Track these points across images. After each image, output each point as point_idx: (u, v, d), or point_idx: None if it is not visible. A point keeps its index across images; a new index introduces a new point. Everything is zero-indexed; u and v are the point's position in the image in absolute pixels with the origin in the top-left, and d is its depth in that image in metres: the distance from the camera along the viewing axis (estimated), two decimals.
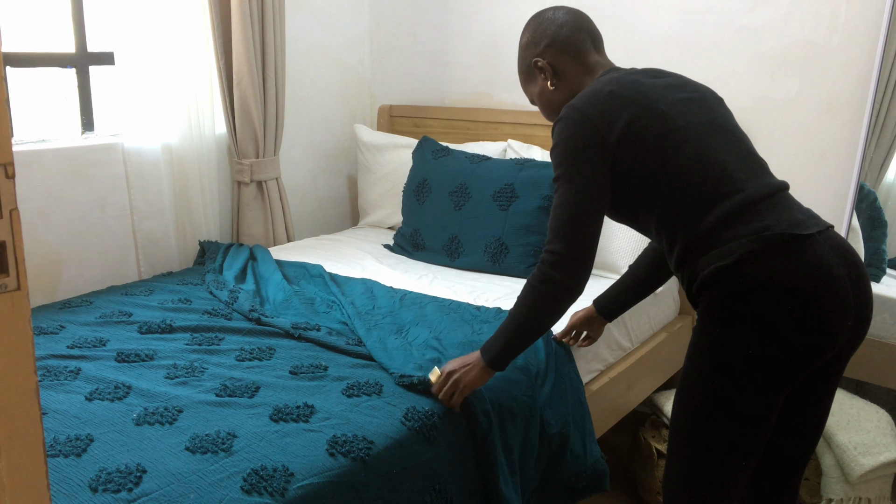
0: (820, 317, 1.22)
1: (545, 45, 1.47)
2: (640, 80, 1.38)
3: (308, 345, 1.70)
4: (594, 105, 1.33)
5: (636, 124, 1.30)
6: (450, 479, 1.39)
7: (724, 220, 1.26)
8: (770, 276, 1.21)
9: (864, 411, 2.16)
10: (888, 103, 2.06)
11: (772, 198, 1.30)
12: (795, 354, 1.24)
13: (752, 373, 1.24)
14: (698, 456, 1.33)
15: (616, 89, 1.34)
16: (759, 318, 1.22)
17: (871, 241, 2.16)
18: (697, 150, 1.30)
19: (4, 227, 0.56)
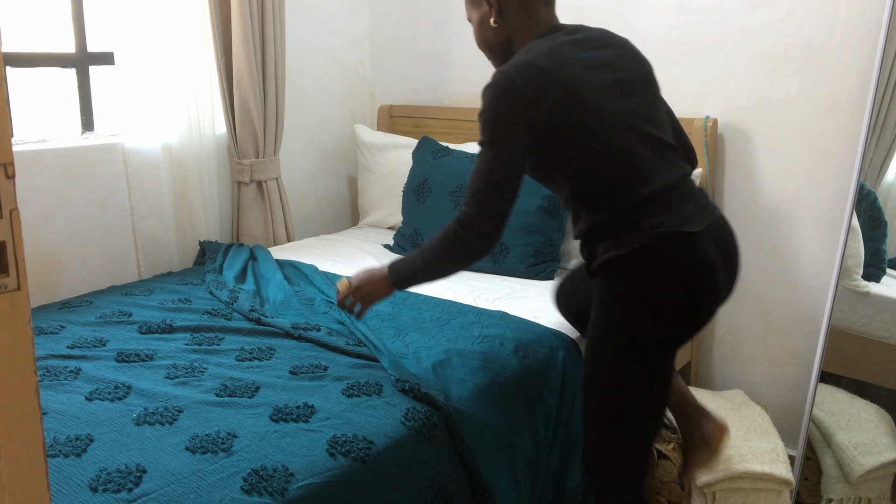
0: (701, 300, 1.41)
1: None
2: (575, 56, 1.42)
3: (308, 345, 1.70)
4: (525, 77, 1.36)
5: (560, 106, 1.36)
6: (449, 478, 1.39)
7: (625, 212, 1.38)
8: (660, 267, 1.37)
9: (864, 411, 2.16)
10: (888, 103, 2.06)
11: (674, 190, 1.41)
12: (682, 329, 1.43)
13: (647, 344, 1.40)
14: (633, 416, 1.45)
15: (548, 65, 1.38)
16: (651, 300, 1.39)
17: (871, 242, 2.16)
18: (611, 143, 1.39)
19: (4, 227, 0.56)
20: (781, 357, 2.39)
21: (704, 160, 2.31)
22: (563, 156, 1.40)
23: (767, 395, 2.42)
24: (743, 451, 2.02)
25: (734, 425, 2.13)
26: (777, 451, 2.04)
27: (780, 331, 2.38)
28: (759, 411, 2.21)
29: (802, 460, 2.18)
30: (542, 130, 1.37)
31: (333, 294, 1.98)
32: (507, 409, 1.53)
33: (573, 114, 1.37)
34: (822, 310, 2.21)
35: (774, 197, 2.31)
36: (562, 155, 1.40)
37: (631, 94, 1.44)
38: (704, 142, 2.30)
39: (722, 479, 1.98)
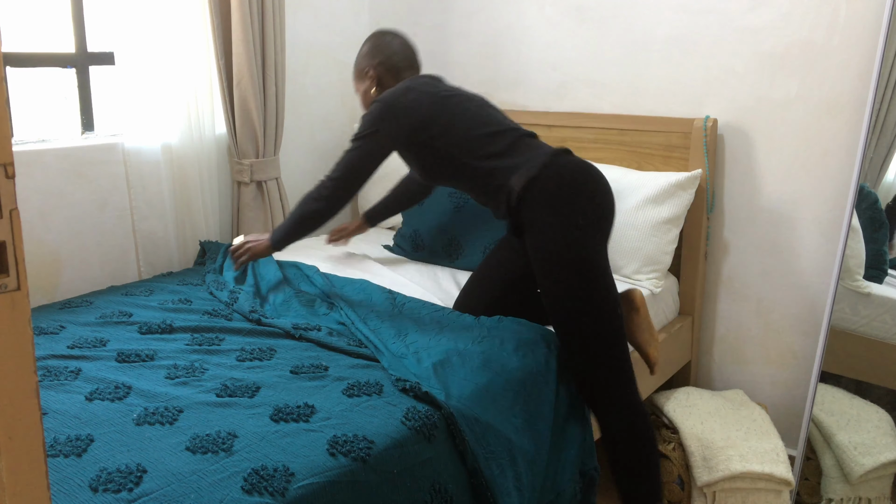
0: (607, 192, 1.75)
1: (378, 61, 2.00)
2: (429, 81, 1.92)
3: (308, 345, 1.70)
4: (396, 95, 1.85)
5: (427, 106, 1.81)
6: (449, 478, 1.38)
7: (514, 147, 1.78)
8: (570, 169, 1.73)
9: (864, 411, 2.16)
10: (888, 103, 2.06)
11: (529, 136, 1.85)
12: (608, 219, 1.74)
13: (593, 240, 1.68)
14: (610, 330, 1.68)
15: (412, 85, 1.87)
16: (577, 199, 1.69)
17: (873, 243, 2.16)
18: (475, 113, 1.83)
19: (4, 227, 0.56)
20: (781, 357, 2.39)
21: (704, 160, 2.31)
22: (448, 140, 1.80)
23: (767, 395, 2.42)
24: (743, 451, 2.02)
25: (734, 425, 2.13)
26: (777, 451, 2.04)
27: (780, 331, 2.38)
28: (759, 411, 2.21)
29: (802, 460, 2.18)
30: (417, 134, 1.81)
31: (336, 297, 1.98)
32: (507, 408, 1.53)
33: (439, 104, 1.82)
34: (822, 310, 2.21)
35: (774, 197, 2.31)
36: (446, 141, 1.80)
37: (475, 97, 1.91)
38: (704, 142, 2.30)
39: (722, 479, 1.98)
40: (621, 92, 2.52)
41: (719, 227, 2.43)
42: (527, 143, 1.79)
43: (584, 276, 1.66)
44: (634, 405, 1.70)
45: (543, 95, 2.69)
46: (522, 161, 1.73)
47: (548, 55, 2.66)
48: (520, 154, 1.76)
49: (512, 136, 1.80)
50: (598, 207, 1.71)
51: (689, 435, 2.08)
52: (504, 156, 1.76)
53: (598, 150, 2.52)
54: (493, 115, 1.85)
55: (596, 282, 1.67)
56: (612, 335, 1.68)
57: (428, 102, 1.82)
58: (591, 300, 1.66)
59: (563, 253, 1.66)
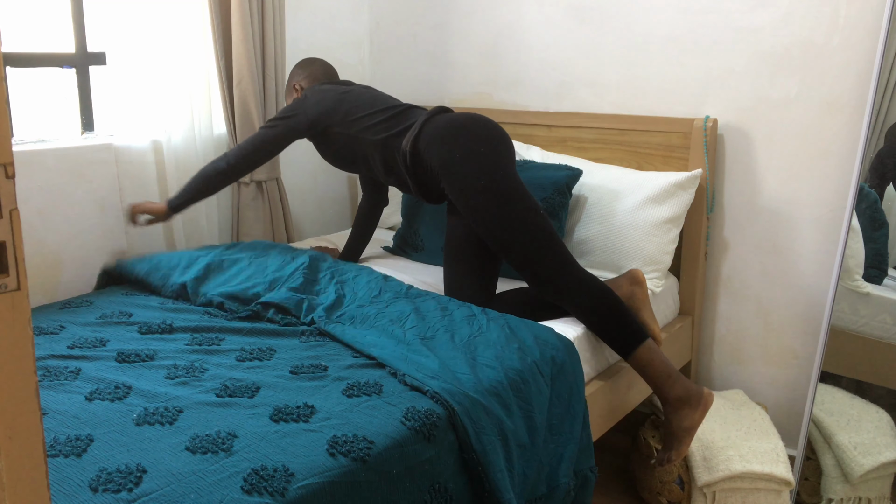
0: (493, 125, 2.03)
1: (303, 77, 2.31)
2: (335, 84, 2.25)
3: (308, 345, 1.70)
4: (307, 93, 2.21)
5: (331, 99, 2.14)
6: (449, 477, 1.39)
7: (398, 117, 2.07)
8: (446, 118, 2.01)
9: (864, 411, 2.16)
10: (888, 103, 2.06)
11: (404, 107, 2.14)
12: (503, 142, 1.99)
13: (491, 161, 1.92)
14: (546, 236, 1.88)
15: (318, 87, 2.21)
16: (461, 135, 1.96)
17: (873, 243, 2.16)
18: (368, 99, 2.13)
19: (4, 227, 0.56)
20: (781, 357, 2.39)
21: (704, 160, 2.31)
22: (343, 122, 2.10)
23: (767, 395, 2.42)
24: (743, 451, 2.02)
25: (734, 425, 2.13)
26: (777, 451, 2.04)
27: (780, 331, 2.38)
28: (759, 411, 2.21)
29: (802, 460, 2.18)
30: (321, 120, 2.13)
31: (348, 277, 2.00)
32: (503, 399, 1.53)
33: (337, 92, 2.16)
34: (822, 310, 2.21)
35: (774, 197, 2.31)
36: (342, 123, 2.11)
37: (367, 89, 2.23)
38: (704, 142, 2.30)
39: (722, 479, 1.98)
40: (621, 92, 2.52)
41: (719, 227, 2.43)
42: (409, 112, 2.08)
43: (496, 186, 1.88)
44: (585, 277, 1.88)
45: (543, 95, 2.69)
46: (406, 126, 2.02)
47: (548, 55, 2.66)
48: (404, 121, 2.04)
49: (396, 110, 2.08)
50: (487, 133, 1.97)
51: None
52: (392, 126, 2.04)
53: (598, 150, 2.52)
54: (383, 98, 2.16)
55: (507, 188, 1.89)
56: (542, 232, 1.87)
57: (331, 96, 2.15)
58: (509, 202, 1.88)
59: (470, 179, 1.90)
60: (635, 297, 2.01)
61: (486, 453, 1.43)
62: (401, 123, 2.05)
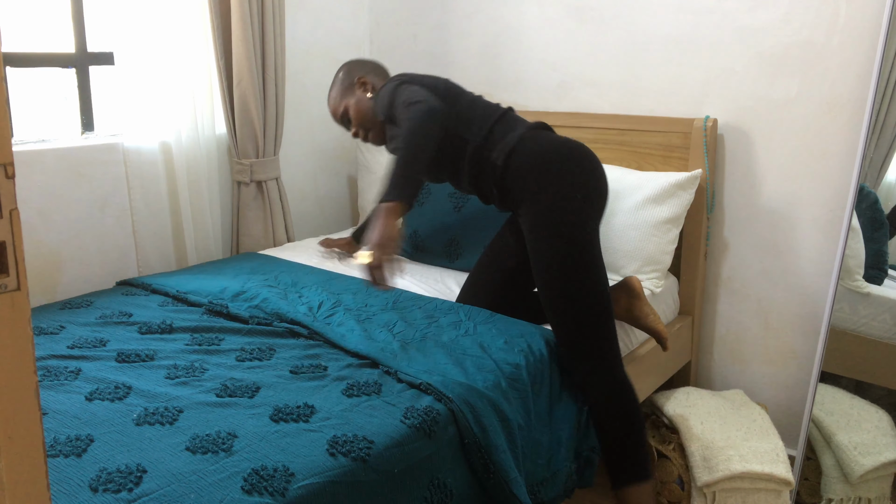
0: (598, 167, 1.81)
1: (368, 69, 2.10)
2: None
3: (308, 345, 1.71)
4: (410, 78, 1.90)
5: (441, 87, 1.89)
6: (448, 472, 1.39)
7: (496, 124, 1.84)
8: (546, 144, 1.80)
9: (864, 411, 2.16)
10: (888, 103, 2.06)
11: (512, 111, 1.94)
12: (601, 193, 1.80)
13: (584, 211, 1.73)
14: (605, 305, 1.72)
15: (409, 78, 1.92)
16: (562, 170, 1.75)
17: (873, 243, 2.16)
18: (469, 100, 1.92)
19: (4, 227, 0.56)
20: (781, 357, 2.39)
21: (704, 160, 2.31)
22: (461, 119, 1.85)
23: (767, 395, 2.42)
24: (743, 451, 2.02)
25: (734, 425, 2.13)
26: (777, 451, 2.04)
27: (780, 331, 2.38)
28: (759, 411, 2.21)
29: (802, 460, 2.18)
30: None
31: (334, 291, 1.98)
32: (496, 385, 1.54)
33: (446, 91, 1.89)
34: (822, 310, 2.21)
35: (774, 197, 2.31)
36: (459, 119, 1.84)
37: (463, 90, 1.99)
38: (704, 142, 2.30)
39: (722, 479, 1.98)
40: (621, 92, 2.52)
41: (719, 227, 2.43)
42: (507, 120, 1.87)
43: (574, 243, 1.70)
44: (621, 379, 1.71)
45: (543, 95, 2.69)
46: (501, 136, 1.82)
47: (548, 55, 2.66)
48: (501, 130, 1.83)
49: (497, 114, 1.87)
50: (587, 179, 1.77)
51: (689, 435, 2.08)
52: (492, 132, 1.83)
53: (598, 150, 2.51)
54: (476, 98, 1.95)
55: (584, 249, 1.71)
56: (601, 311, 1.70)
57: (442, 84, 1.90)
58: (579, 266, 1.70)
59: (552, 219, 1.71)
60: (634, 309, 1.96)
61: (487, 435, 1.43)
62: (496, 133, 1.83)
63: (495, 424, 1.47)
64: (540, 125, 1.88)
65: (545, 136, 1.83)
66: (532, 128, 1.84)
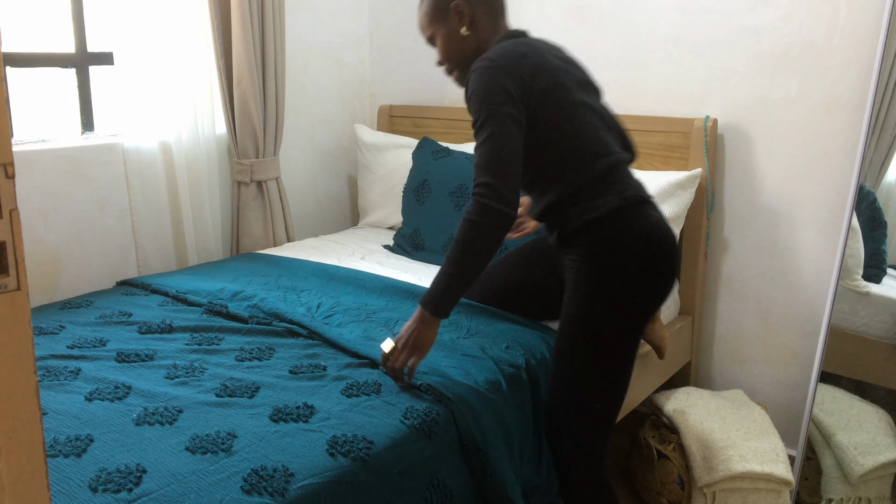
0: (667, 264, 1.51)
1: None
2: (540, 46, 1.57)
3: (307, 344, 1.71)
4: (509, 60, 1.47)
5: (541, 85, 1.48)
6: (448, 474, 1.39)
7: (594, 180, 1.49)
8: (632, 229, 1.48)
9: (864, 411, 2.16)
10: (888, 103, 2.06)
11: (627, 165, 1.57)
12: (652, 295, 1.51)
13: (626, 311, 1.49)
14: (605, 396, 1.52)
15: (527, 52, 1.51)
16: (623, 263, 1.47)
17: (871, 242, 2.16)
18: (584, 120, 1.52)
19: (4, 227, 0.56)
20: (781, 357, 2.39)
21: (704, 160, 2.31)
22: (539, 129, 1.48)
23: (767, 395, 2.42)
24: (743, 451, 2.02)
25: (734, 425, 2.13)
26: (777, 451, 2.04)
27: (780, 331, 2.38)
28: (759, 411, 2.21)
29: (802, 460, 2.18)
30: (524, 104, 1.47)
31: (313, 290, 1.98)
32: (494, 387, 1.54)
33: (551, 91, 1.49)
34: (822, 310, 2.21)
35: (774, 197, 2.31)
36: (537, 128, 1.48)
37: (589, 89, 1.60)
38: (704, 142, 2.30)
39: (722, 479, 1.98)
40: (621, 92, 2.52)
41: (719, 227, 2.43)
42: (612, 176, 1.50)
43: (605, 352, 1.50)
44: (595, 476, 1.55)
45: None
46: (596, 194, 1.48)
47: None
48: (602, 188, 1.49)
49: (599, 168, 1.50)
50: (659, 290, 1.51)
51: (689, 435, 2.08)
52: (584, 189, 1.49)
53: None
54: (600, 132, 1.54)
55: (614, 350, 1.50)
56: (606, 406, 1.53)
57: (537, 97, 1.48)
58: (599, 360, 1.50)
59: (597, 316, 1.48)
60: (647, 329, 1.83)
61: (486, 438, 1.44)
62: (589, 190, 1.49)
63: (494, 427, 1.47)
64: (639, 199, 1.51)
65: (641, 223, 1.48)
66: (632, 200, 1.49)
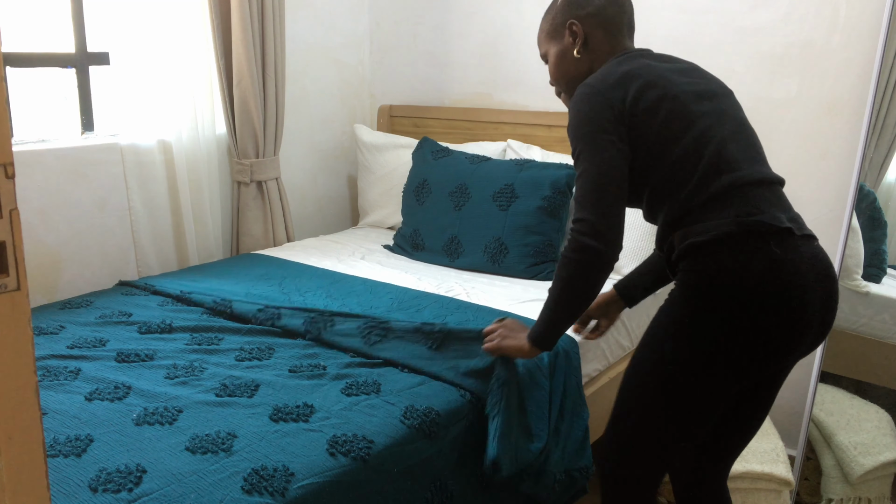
0: (783, 322, 1.22)
1: (588, 12, 1.46)
2: (652, 63, 1.41)
3: (307, 344, 1.71)
4: (608, 82, 1.35)
5: (647, 100, 1.33)
6: (450, 475, 1.39)
7: (711, 198, 1.28)
8: (740, 263, 1.22)
9: (864, 411, 2.16)
10: (888, 103, 2.06)
11: (761, 186, 1.32)
12: (750, 352, 1.24)
13: (711, 359, 1.25)
14: (644, 429, 1.36)
15: (629, 69, 1.37)
16: (720, 304, 1.23)
17: (872, 242, 2.16)
18: (702, 133, 1.32)
19: (4, 227, 0.56)
20: None
21: None
22: (648, 146, 1.34)
23: None
24: (743, 450, 2.02)
25: None
26: (777, 451, 2.04)
27: None
28: None
29: (802, 460, 2.18)
30: (631, 126, 1.34)
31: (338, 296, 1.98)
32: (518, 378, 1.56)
33: (664, 105, 1.33)
34: None
35: None
36: (646, 146, 1.34)
37: (713, 98, 1.40)
38: None
39: None
40: None
41: None
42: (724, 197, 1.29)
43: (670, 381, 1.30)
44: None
45: (543, 95, 2.69)
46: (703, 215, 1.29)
47: None
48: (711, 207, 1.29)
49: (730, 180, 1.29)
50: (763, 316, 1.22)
51: None
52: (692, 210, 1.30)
53: None
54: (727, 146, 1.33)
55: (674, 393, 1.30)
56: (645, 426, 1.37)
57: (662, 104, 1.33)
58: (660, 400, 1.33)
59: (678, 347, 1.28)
60: None
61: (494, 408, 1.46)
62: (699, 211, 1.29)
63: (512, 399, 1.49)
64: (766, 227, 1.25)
65: (760, 256, 1.22)
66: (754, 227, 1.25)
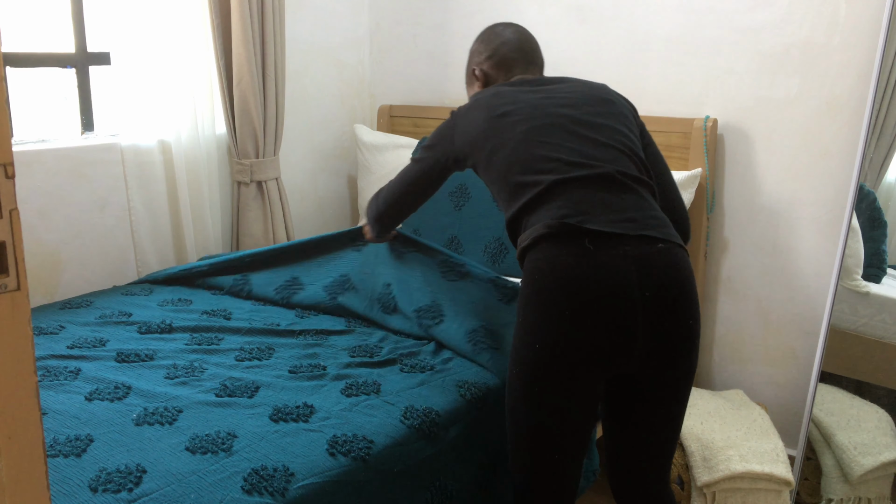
0: (592, 324, 1.22)
1: (485, 56, 1.64)
2: (515, 91, 1.49)
3: (307, 344, 1.71)
4: (464, 109, 1.53)
5: (480, 128, 1.44)
6: (449, 475, 1.39)
7: (533, 205, 1.33)
8: (546, 264, 1.25)
9: (864, 411, 2.16)
10: (888, 103, 2.06)
11: (571, 185, 1.31)
12: (559, 352, 1.24)
13: (525, 360, 1.28)
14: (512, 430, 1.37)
15: (483, 98, 1.49)
16: (533, 303, 1.26)
17: (871, 242, 2.16)
18: (516, 151, 1.38)
19: (4, 227, 0.56)
20: (781, 357, 2.39)
21: (704, 160, 2.31)
22: (482, 166, 1.45)
23: (767, 395, 2.42)
24: (743, 451, 2.02)
25: (734, 425, 2.13)
26: (777, 451, 2.04)
27: (780, 331, 2.38)
28: (759, 411, 2.21)
29: (802, 460, 2.18)
30: (466, 153, 1.48)
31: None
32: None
33: (483, 130, 1.44)
34: (822, 310, 2.21)
35: (774, 197, 2.31)
36: (479, 166, 1.47)
37: (574, 106, 1.45)
38: (704, 142, 2.30)
39: (722, 479, 1.98)
40: (621, 92, 2.51)
41: (719, 226, 2.43)
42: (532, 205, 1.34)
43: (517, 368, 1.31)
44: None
45: None
46: (525, 223, 1.34)
47: (547, 55, 2.64)
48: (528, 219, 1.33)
49: (541, 186, 1.32)
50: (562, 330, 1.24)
51: (689, 435, 2.08)
52: (517, 220, 1.37)
53: None
54: (535, 151, 1.37)
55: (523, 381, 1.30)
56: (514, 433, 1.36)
57: (481, 123, 1.43)
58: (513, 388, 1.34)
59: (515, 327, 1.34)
60: None
61: None
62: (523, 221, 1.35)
63: None
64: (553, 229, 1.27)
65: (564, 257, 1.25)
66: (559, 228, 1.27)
